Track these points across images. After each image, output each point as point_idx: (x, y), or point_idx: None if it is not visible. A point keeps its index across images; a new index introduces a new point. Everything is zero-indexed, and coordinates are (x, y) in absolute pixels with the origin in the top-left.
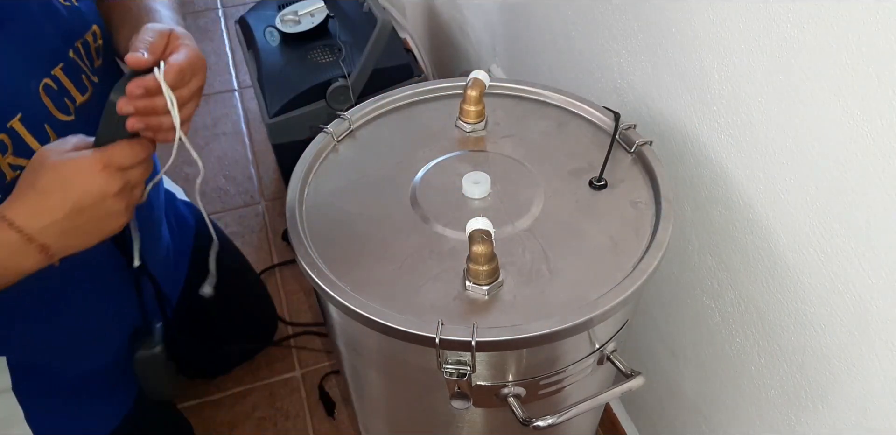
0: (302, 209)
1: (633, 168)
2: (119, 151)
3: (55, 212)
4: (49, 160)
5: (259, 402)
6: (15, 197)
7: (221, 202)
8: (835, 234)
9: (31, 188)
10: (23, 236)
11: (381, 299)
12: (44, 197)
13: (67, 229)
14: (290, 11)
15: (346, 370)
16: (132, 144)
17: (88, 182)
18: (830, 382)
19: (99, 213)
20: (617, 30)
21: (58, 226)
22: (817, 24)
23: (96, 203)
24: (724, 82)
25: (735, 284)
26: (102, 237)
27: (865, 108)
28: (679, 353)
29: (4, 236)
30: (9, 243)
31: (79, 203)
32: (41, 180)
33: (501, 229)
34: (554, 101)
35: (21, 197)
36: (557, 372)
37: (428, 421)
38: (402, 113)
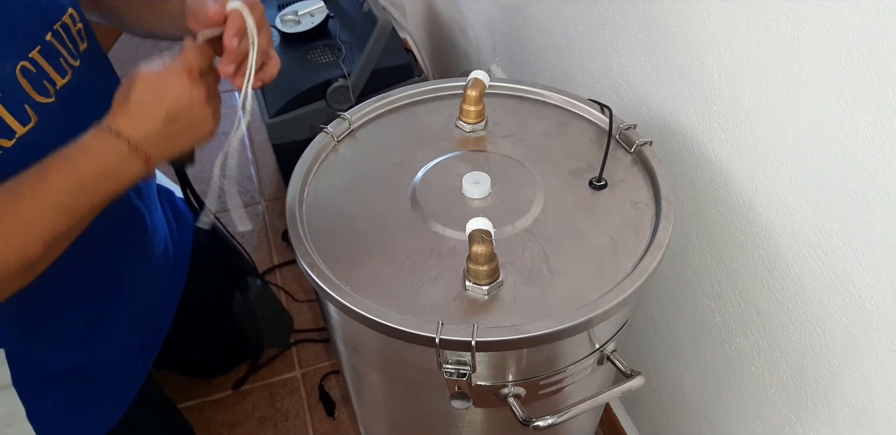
0: (302, 209)
1: (633, 168)
2: (193, 55)
3: (153, 121)
4: (140, 75)
5: (259, 402)
6: (115, 111)
7: (221, 202)
8: (835, 234)
9: (128, 102)
10: (130, 145)
11: (381, 299)
12: (141, 108)
13: (165, 136)
14: (290, 11)
15: (346, 370)
16: (200, 46)
17: (177, 90)
18: (830, 382)
19: (191, 119)
20: (617, 30)
21: (157, 133)
22: (817, 24)
23: (187, 109)
24: (724, 82)
25: (735, 284)
26: (194, 143)
27: (865, 108)
28: (679, 353)
29: (114, 145)
30: (119, 152)
31: (173, 111)
32: (135, 93)
33: (501, 229)
34: (554, 101)
35: (120, 110)
36: (557, 372)
37: (428, 421)
38: (402, 113)
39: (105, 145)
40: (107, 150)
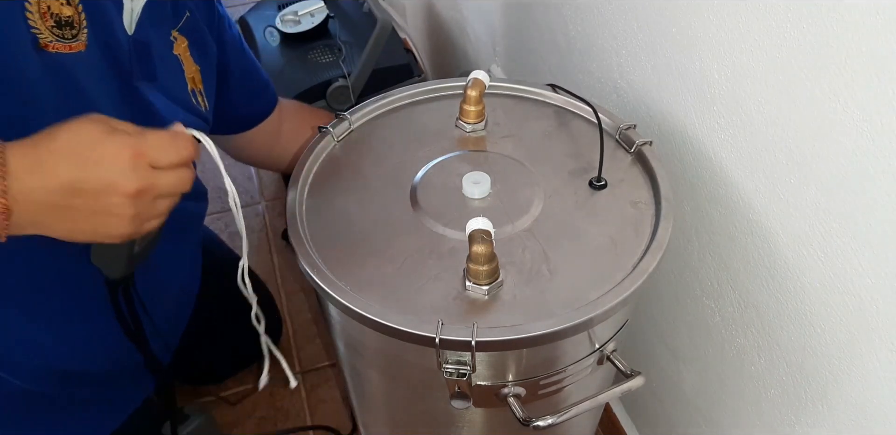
0: (302, 209)
1: (633, 168)
2: (157, 141)
3: (51, 178)
4: (84, 123)
5: (259, 402)
6: (29, 141)
7: (221, 202)
8: (835, 234)
9: (48, 139)
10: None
11: (381, 299)
12: (52, 156)
13: (52, 205)
14: (290, 11)
15: (346, 370)
16: (176, 135)
17: (106, 164)
18: (830, 382)
19: (97, 206)
20: (617, 29)
21: (44, 194)
22: (817, 24)
23: (100, 192)
24: (724, 82)
25: (735, 284)
26: (87, 237)
27: (865, 108)
28: (679, 353)
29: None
30: None
31: (81, 182)
32: (62, 138)
33: (501, 229)
34: (554, 101)
35: (32, 144)
36: (557, 372)
37: (428, 421)
38: (402, 113)
39: None
40: None
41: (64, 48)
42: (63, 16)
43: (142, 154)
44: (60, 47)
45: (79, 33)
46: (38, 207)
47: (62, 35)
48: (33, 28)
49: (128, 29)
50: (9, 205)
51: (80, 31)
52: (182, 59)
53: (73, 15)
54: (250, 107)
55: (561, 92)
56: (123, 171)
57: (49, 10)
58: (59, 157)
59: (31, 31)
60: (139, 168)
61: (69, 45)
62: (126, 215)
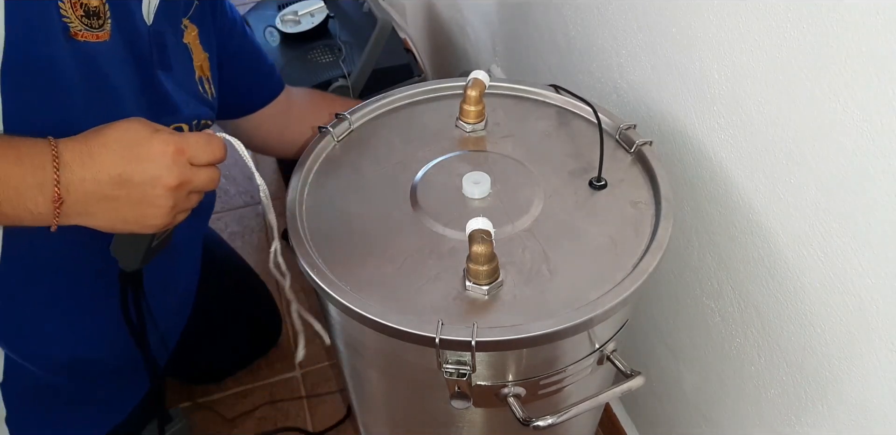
0: (302, 209)
1: (633, 168)
2: (197, 141)
3: (101, 171)
4: (133, 122)
5: (259, 402)
6: (80, 136)
7: (221, 202)
8: (835, 234)
9: (98, 136)
10: (55, 177)
11: (381, 299)
12: (103, 150)
13: (101, 195)
14: (290, 11)
15: (346, 370)
16: (211, 138)
17: (152, 159)
18: (830, 382)
19: (141, 196)
20: (617, 29)
21: (94, 185)
22: (817, 24)
23: (146, 184)
24: (724, 82)
25: (735, 284)
26: (127, 227)
27: (865, 108)
28: (679, 353)
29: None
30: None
31: (129, 173)
32: (112, 134)
33: (501, 229)
34: (554, 101)
35: (83, 139)
36: (557, 372)
37: (428, 421)
38: (402, 113)
39: (35, 156)
40: (31, 162)
41: (91, 37)
42: (91, 6)
43: (183, 151)
44: (88, 36)
45: (104, 23)
46: (87, 197)
47: (90, 24)
48: (65, 17)
49: (147, 19)
50: (62, 194)
51: (105, 20)
52: (192, 47)
53: (99, 5)
54: (254, 90)
55: (561, 92)
56: (167, 165)
57: (79, 0)
58: (109, 150)
59: (62, 20)
60: (180, 164)
61: (96, 34)
62: (166, 206)
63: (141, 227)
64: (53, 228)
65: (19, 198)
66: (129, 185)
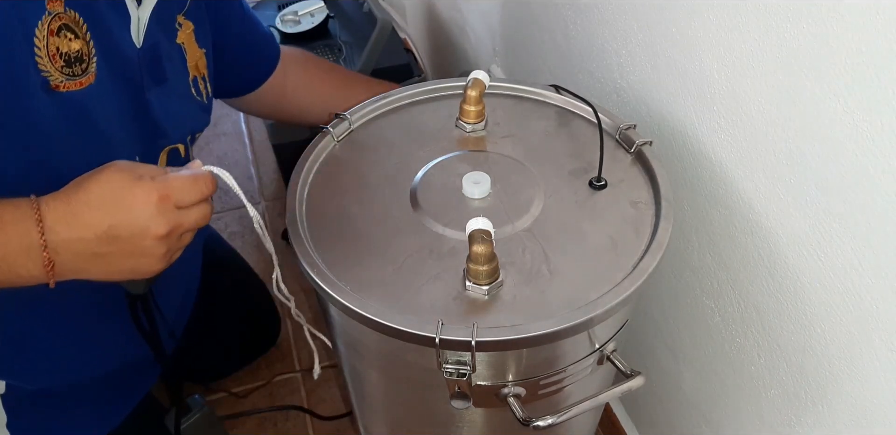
0: (302, 209)
1: (633, 168)
2: (180, 184)
3: (87, 229)
4: (111, 170)
5: (259, 402)
6: (61, 194)
7: (221, 202)
8: (835, 234)
9: (78, 191)
10: (41, 241)
11: (381, 299)
12: (86, 208)
13: (90, 254)
14: (290, 11)
15: (346, 370)
16: (196, 178)
17: (137, 211)
18: (830, 382)
19: (132, 249)
20: (617, 29)
21: (82, 245)
22: (817, 23)
23: (134, 236)
24: (724, 82)
25: (735, 284)
26: (124, 277)
27: (865, 108)
28: (679, 353)
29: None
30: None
31: (115, 230)
32: (93, 190)
33: (501, 229)
34: (554, 101)
35: (65, 198)
36: (557, 372)
37: (428, 421)
38: (402, 113)
39: (18, 222)
40: (14, 229)
41: (75, 85)
42: (72, 52)
43: (167, 197)
44: (71, 85)
45: (89, 65)
46: (78, 257)
47: (72, 72)
48: (43, 71)
49: (136, 41)
50: (51, 257)
51: (90, 62)
52: (186, 46)
53: (81, 47)
54: (249, 71)
55: (561, 92)
56: (153, 215)
57: (58, 51)
58: (92, 208)
59: (41, 74)
60: (166, 211)
61: (79, 81)
62: (158, 254)
63: (138, 275)
64: (52, 284)
65: (9, 264)
66: (118, 241)
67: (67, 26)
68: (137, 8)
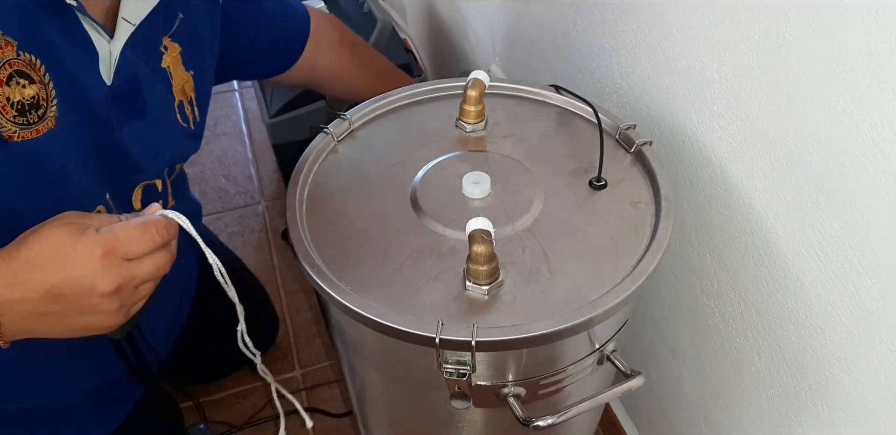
0: (302, 209)
1: (633, 168)
2: (127, 234)
3: (29, 289)
4: (53, 228)
5: (259, 402)
6: (4, 252)
7: (221, 202)
8: (835, 234)
9: (21, 249)
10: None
11: (381, 299)
12: (27, 267)
13: (37, 313)
14: None
15: (346, 370)
16: (145, 226)
17: (80, 267)
18: (830, 382)
19: (80, 307)
20: (617, 29)
21: (26, 306)
22: (817, 23)
23: (80, 296)
24: (724, 82)
25: (735, 284)
26: (80, 334)
27: (865, 109)
28: (679, 353)
29: None
30: None
31: (59, 288)
32: (34, 247)
33: (501, 229)
34: (554, 101)
35: (7, 256)
36: (557, 372)
37: (428, 421)
38: (402, 113)
39: None
40: None
41: (31, 134)
42: (26, 99)
43: (113, 251)
44: (26, 135)
45: (46, 111)
46: (24, 317)
47: (27, 121)
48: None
49: (106, 78)
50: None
51: (49, 107)
52: (171, 71)
53: (37, 92)
54: (272, 57)
55: (561, 92)
56: (98, 272)
57: (9, 101)
58: (33, 267)
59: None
60: (113, 266)
61: (36, 128)
62: (111, 311)
63: (94, 332)
64: (5, 345)
65: None
66: (63, 300)
67: (21, 72)
68: (109, 42)
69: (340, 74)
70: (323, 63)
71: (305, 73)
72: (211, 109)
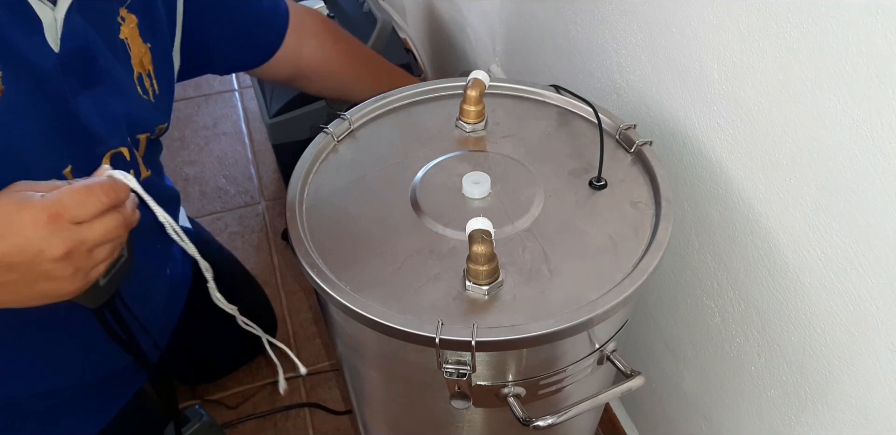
0: (302, 209)
1: (633, 168)
2: (71, 198)
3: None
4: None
5: (259, 402)
6: None
7: (221, 202)
8: (835, 234)
9: None
10: None
11: (381, 299)
12: None
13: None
14: None
15: (346, 370)
16: (89, 188)
17: (25, 235)
18: (830, 382)
19: (34, 275)
20: (617, 30)
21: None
22: (817, 23)
23: (31, 262)
24: (724, 82)
25: (735, 284)
26: (42, 302)
27: (865, 109)
28: (679, 353)
29: None
30: None
31: (9, 256)
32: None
33: (501, 229)
34: (554, 101)
35: None
36: (557, 372)
37: (428, 421)
38: (402, 113)
39: None
40: None
41: None
42: None
43: (58, 215)
44: None
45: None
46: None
47: None
48: None
49: (53, 46)
50: None
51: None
52: (129, 42)
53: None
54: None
55: (562, 92)
56: (44, 238)
57: None
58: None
59: None
60: (60, 230)
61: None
62: (66, 276)
63: (56, 298)
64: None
65: None
66: (16, 268)
67: None
68: (52, 9)
69: (328, 66)
70: (308, 53)
71: (290, 64)
72: (211, 109)
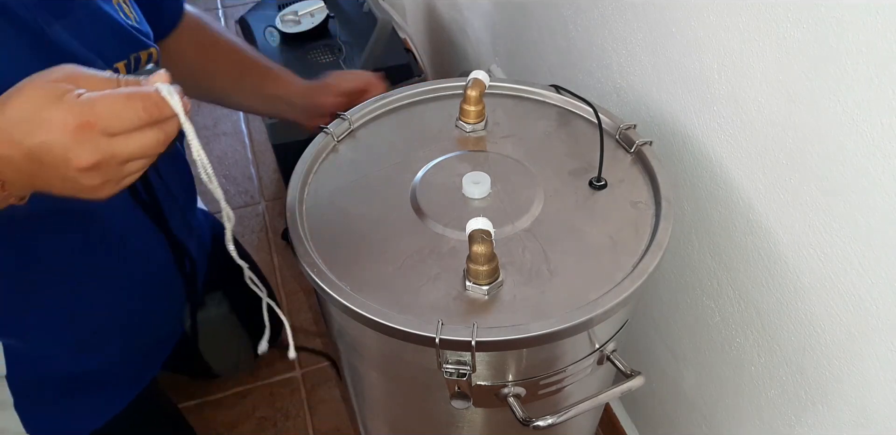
0: (302, 209)
1: (633, 168)
2: (107, 107)
3: (11, 147)
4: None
5: (259, 402)
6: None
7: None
8: (835, 234)
9: (6, 105)
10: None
11: (381, 299)
12: (8, 123)
13: (26, 172)
14: (290, 11)
15: (346, 370)
16: (130, 98)
17: (53, 137)
18: (830, 382)
19: (61, 176)
20: (617, 29)
21: (14, 164)
22: (817, 24)
23: (57, 165)
24: (724, 82)
25: (735, 284)
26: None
27: (865, 108)
28: (679, 353)
29: None
30: None
31: (35, 153)
32: (14, 104)
33: (501, 229)
34: (554, 101)
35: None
36: (557, 372)
37: (428, 421)
38: (402, 113)
39: None
40: None
41: None
42: None
43: (89, 124)
44: None
45: None
46: (18, 174)
47: None
48: None
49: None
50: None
51: None
52: None
53: None
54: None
55: (562, 92)
56: (69, 145)
57: None
58: (13, 124)
59: None
60: (88, 141)
61: None
62: (93, 186)
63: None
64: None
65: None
66: (44, 166)
67: None
68: None
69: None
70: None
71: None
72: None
